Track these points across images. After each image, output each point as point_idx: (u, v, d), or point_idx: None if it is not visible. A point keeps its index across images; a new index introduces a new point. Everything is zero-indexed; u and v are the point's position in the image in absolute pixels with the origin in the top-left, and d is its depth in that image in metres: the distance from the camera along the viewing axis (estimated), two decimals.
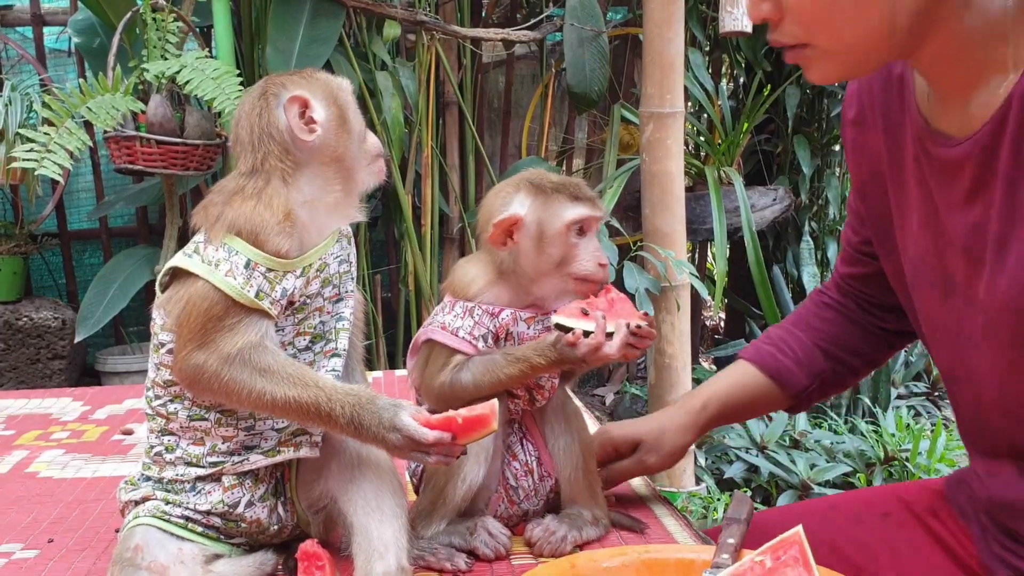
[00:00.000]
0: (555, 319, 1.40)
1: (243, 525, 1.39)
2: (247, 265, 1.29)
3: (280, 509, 1.42)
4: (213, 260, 1.29)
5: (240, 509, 1.37)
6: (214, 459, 1.36)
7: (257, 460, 1.37)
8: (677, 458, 1.55)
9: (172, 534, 1.35)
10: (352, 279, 1.45)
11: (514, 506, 1.52)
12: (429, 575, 1.41)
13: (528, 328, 1.48)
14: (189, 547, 1.36)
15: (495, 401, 1.29)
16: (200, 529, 1.37)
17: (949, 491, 1.48)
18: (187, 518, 1.37)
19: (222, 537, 1.39)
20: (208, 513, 1.37)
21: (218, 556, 1.39)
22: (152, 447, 1.40)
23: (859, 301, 1.58)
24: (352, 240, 1.46)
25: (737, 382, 1.59)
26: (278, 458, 1.37)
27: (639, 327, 1.40)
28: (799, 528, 1.19)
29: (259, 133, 1.34)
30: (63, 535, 1.59)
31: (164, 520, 1.35)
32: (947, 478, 1.51)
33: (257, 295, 1.28)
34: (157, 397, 1.38)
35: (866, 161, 1.40)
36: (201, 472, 1.36)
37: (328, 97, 1.38)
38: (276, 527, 1.41)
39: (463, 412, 1.28)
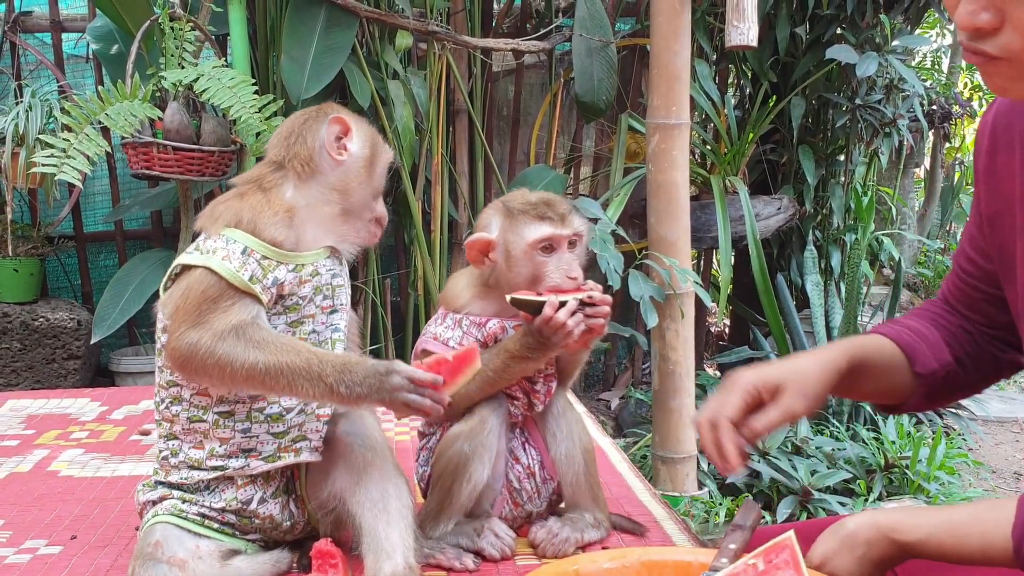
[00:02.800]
0: (509, 297, 1.48)
1: (256, 521, 1.46)
2: (244, 251, 1.40)
3: (292, 506, 1.49)
4: (211, 249, 1.41)
5: (253, 506, 1.45)
6: (214, 463, 1.44)
7: (258, 466, 1.44)
8: (820, 403, 1.37)
9: (190, 531, 1.43)
10: (346, 294, 1.53)
11: (518, 507, 1.59)
12: (437, 574, 1.47)
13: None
14: (206, 543, 1.43)
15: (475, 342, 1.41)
16: (216, 526, 1.45)
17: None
18: (203, 515, 1.44)
19: (237, 533, 1.47)
20: (223, 510, 1.44)
21: (235, 552, 1.46)
22: (160, 451, 1.49)
23: (975, 324, 1.50)
24: (344, 261, 1.54)
25: (870, 343, 1.46)
26: (279, 463, 1.45)
27: (590, 297, 1.48)
28: (791, 533, 1.24)
29: (297, 134, 1.48)
30: (85, 532, 1.66)
31: (182, 518, 1.43)
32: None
33: (251, 279, 1.38)
34: (162, 401, 1.47)
35: (1000, 192, 1.33)
36: (204, 476, 1.45)
37: (370, 142, 1.52)
38: (289, 523, 1.48)
39: (451, 352, 1.39)
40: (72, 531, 1.66)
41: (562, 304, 1.45)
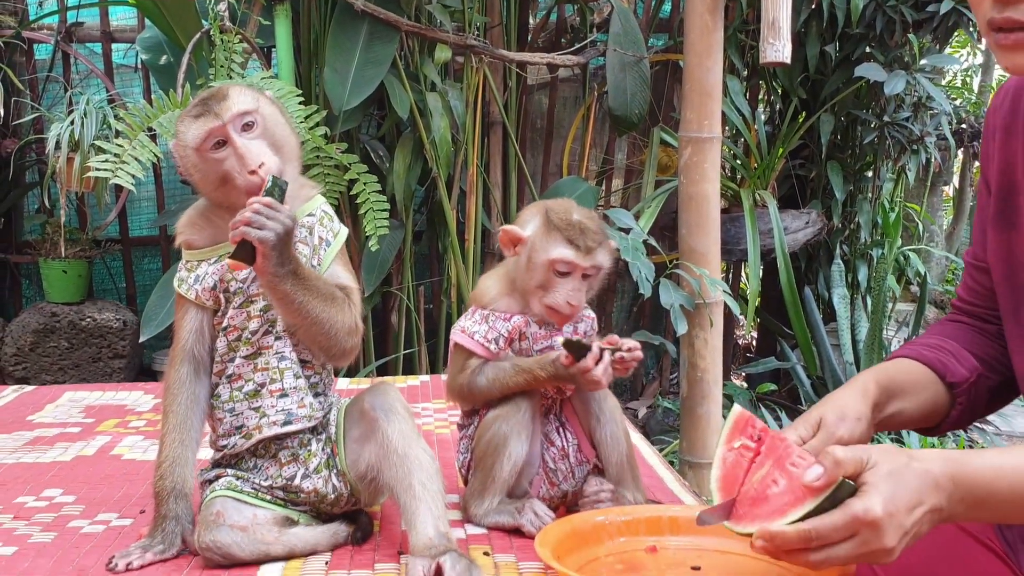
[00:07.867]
0: (561, 339, 1.62)
1: (302, 495, 1.58)
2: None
3: (335, 479, 1.60)
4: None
5: (297, 481, 1.57)
6: (220, 443, 1.61)
7: (240, 443, 1.58)
8: (866, 425, 1.33)
9: (246, 502, 1.55)
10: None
11: (554, 487, 1.71)
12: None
13: (540, 328, 1.69)
14: (263, 512, 1.56)
15: None
16: (269, 498, 1.57)
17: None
18: (256, 489, 1.56)
19: (288, 505, 1.59)
20: (271, 488, 1.57)
21: (291, 520, 1.57)
22: None
23: (994, 324, 1.48)
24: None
25: (893, 366, 1.45)
26: (252, 440, 1.57)
27: (622, 356, 1.61)
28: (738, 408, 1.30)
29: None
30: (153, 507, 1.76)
31: (237, 491, 1.55)
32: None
33: (178, 284, 1.59)
34: None
35: (1010, 169, 1.36)
36: (217, 456, 1.63)
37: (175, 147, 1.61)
38: (334, 495, 1.60)
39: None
40: (140, 506, 1.77)
41: (602, 353, 1.57)
